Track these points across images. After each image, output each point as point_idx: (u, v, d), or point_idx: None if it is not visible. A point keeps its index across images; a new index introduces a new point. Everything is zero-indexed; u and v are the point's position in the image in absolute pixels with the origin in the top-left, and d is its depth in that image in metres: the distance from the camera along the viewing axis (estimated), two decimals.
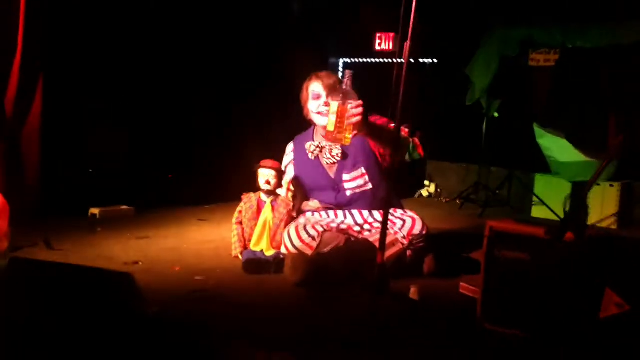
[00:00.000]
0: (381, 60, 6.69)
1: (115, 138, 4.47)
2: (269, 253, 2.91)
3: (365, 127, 2.40)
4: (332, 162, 2.94)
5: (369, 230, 2.89)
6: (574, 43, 5.14)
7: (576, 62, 5.02)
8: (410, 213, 2.89)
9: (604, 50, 4.88)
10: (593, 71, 4.93)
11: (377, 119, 2.65)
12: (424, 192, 6.39)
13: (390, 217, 2.85)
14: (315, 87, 2.93)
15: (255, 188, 3.06)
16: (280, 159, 3.14)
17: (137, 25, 4.58)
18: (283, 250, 2.84)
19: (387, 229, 2.78)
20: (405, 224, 2.79)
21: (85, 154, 4.40)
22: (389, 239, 2.67)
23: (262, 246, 2.95)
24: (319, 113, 2.91)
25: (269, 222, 2.96)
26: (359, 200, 2.94)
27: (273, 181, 3.00)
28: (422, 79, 6.31)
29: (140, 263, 2.81)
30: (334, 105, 2.24)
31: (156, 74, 4.75)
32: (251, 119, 5.27)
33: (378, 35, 6.62)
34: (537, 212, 5.27)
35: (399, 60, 2.09)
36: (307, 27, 6.05)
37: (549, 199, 5.15)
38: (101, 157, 4.47)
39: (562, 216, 4.75)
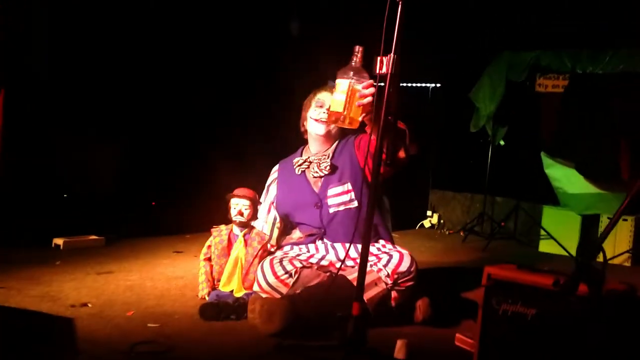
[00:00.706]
0: (382, 84, 6.40)
1: (91, 161, 4.19)
2: (240, 294, 2.57)
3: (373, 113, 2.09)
4: (318, 175, 2.69)
5: (352, 267, 2.55)
6: (584, 69, 4.86)
7: (587, 88, 4.70)
8: (398, 248, 2.55)
9: (617, 76, 4.58)
10: (605, 98, 4.61)
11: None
12: (426, 223, 6.06)
13: (374, 250, 2.53)
14: (322, 96, 2.74)
15: (227, 219, 2.74)
16: (258, 189, 2.84)
17: (109, 45, 4.37)
18: (255, 287, 2.49)
19: (369, 264, 2.48)
20: (391, 259, 2.45)
21: (56, 177, 4.11)
22: (369, 278, 2.34)
23: (232, 286, 2.62)
24: (317, 120, 2.69)
25: (240, 259, 2.63)
26: (342, 221, 2.62)
27: (247, 212, 2.67)
28: (423, 104, 6.06)
29: (90, 305, 2.46)
30: (343, 83, 2.00)
31: (136, 95, 4.54)
32: (240, 142, 4.98)
33: (379, 58, 6.34)
34: (545, 246, 4.96)
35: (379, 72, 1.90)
36: (304, 49, 5.79)
37: (558, 233, 4.87)
38: (76, 181, 4.18)
39: (572, 253, 4.41)
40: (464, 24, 5.47)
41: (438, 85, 6.15)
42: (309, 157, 2.74)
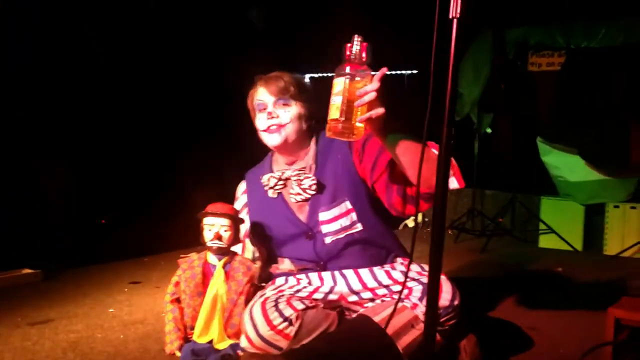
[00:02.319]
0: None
1: (25, 174, 3.46)
2: (222, 346, 1.93)
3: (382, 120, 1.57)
4: (302, 198, 1.99)
5: (371, 300, 1.94)
6: (579, 44, 4.42)
7: (586, 64, 4.25)
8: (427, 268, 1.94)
9: (618, 49, 4.14)
10: (607, 74, 4.16)
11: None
12: (409, 223, 5.50)
13: (397, 276, 1.94)
14: (260, 95, 2.02)
15: (200, 245, 2.07)
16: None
17: (55, 46, 3.76)
18: (243, 341, 1.85)
19: (401, 299, 1.90)
20: (426, 290, 1.85)
21: None
22: (403, 318, 1.76)
23: (211, 335, 1.96)
24: (266, 130, 1.99)
25: (221, 298, 1.98)
26: (344, 252, 1.98)
27: (226, 234, 2.02)
28: (400, 93, 5.54)
29: None
30: (339, 83, 1.53)
31: (80, 97, 3.91)
32: (205, 146, 4.36)
33: (349, 46, 5.79)
34: (546, 241, 4.51)
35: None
36: (264, 40, 5.19)
37: (559, 226, 4.43)
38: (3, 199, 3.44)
39: (577, 248, 3.94)
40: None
41: (414, 72, 5.62)
42: (283, 173, 2.03)
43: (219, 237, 2.00)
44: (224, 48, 4.84)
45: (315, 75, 5.96)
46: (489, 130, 5.02)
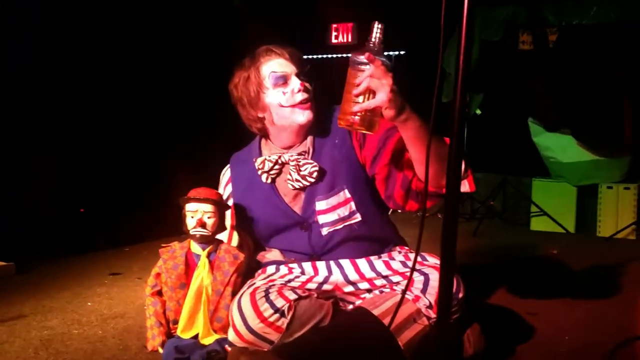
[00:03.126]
0: (339, 55, 5.70)
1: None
2: (208, 341, 1.79)
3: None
4: (301, 185, 1.82)
5: (368, 291, 1.81)
6: (570, 21, 4.32)
7: (580, 41, 4.15)
8: (432, 260, 1.83)
9: (613, 25, 4.04)
10: (601, 51, 4.07)
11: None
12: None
13: (397, 266, 1.81)
14: (278, 66, 1.80)
15: (182, 234, 1.92)
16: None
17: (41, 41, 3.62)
18: (231, 335, 1.71)
19: (397, 289, 1.78)
20: (428, 282, 1.73)
21: None
22: (405, 312, 1.63)
23: (196, 330, 1.82)
24: (295, 106, 1.78)
25: (206, 289, 1.84)
26: (341, 245, 1.84)
27: (210, 221, 1.87)
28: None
29: None
30: (351, 74, 1.46)
31: (62, 91, 3.77)
32: (189, 134, 4.23)
33: (334, 26, 5.66)
34: (538, 224, 4.45)
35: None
36: (247, 22, 5.05)
37: (551, 208, 4.36)
38: None
39: (569, 229, 3.87)
40: None
41: (402, 52, 5.48)
42: (280, 157, 1.85)
43: (202, 225, 1.85)
44: (207, 36, 4.69)
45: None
46: (478, 112, 4.90)
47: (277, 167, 1.85)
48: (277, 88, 1.80)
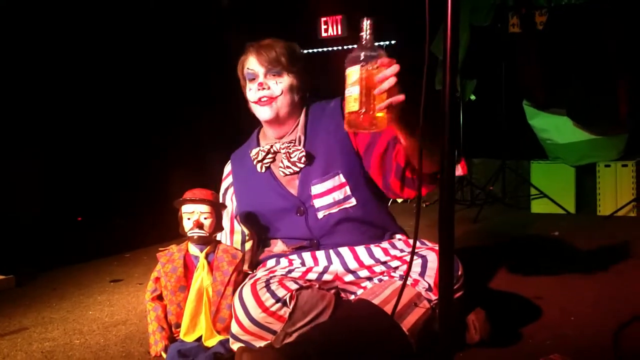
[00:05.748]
0: (330, 48, 5.65)
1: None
2: (212, 343, 1.77)
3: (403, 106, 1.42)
4: (292, 171, 1.87)
5: (368, 279, 1.80)
6: (560, 1, 4.29)
7: (571, 21, 4.11)
8: (426, 242, 1.82)
9: (607, 2, 4.00)
10: (594, 30, 4.03)
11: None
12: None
13: (395, 252, 1.81)
14: (250, 64, 1.90)
15: (179, 237, 1.91)
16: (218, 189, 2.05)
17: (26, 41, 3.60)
18: (234, 327, 1.68)
19: (396, 274, 1.77)
20: (427, 263, 1.72)
21: None
22: (405, 297, 1.61)
23: (199, 332, 1.81)
24: (257, 102, 1.88)
25: (206, 290, 1.83)
26: (338, 229, 1.86)
27: (207, 222, 1.85)
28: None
29: None
30: (354, 72, 1.38)
31: (52, 94, 3.77)
32: (185, 135, 4.20)
33: (323, 19, 5.61)
34: (538, 206, 4.43)
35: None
36: (235, 17, 5.01)
37: (550, 190, 4.34)
38: None
39: (569, 210, 3.84)
40: None
41: (393, 42, 5.44)
42: (272, 147, 1.91)
43: (199, 226, 1.84)
44: (198, 30, 4.65)
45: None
46: (473, 97, 4.86)
47: (270, 156, 1.92)
48: (249, 84, 1.90)
